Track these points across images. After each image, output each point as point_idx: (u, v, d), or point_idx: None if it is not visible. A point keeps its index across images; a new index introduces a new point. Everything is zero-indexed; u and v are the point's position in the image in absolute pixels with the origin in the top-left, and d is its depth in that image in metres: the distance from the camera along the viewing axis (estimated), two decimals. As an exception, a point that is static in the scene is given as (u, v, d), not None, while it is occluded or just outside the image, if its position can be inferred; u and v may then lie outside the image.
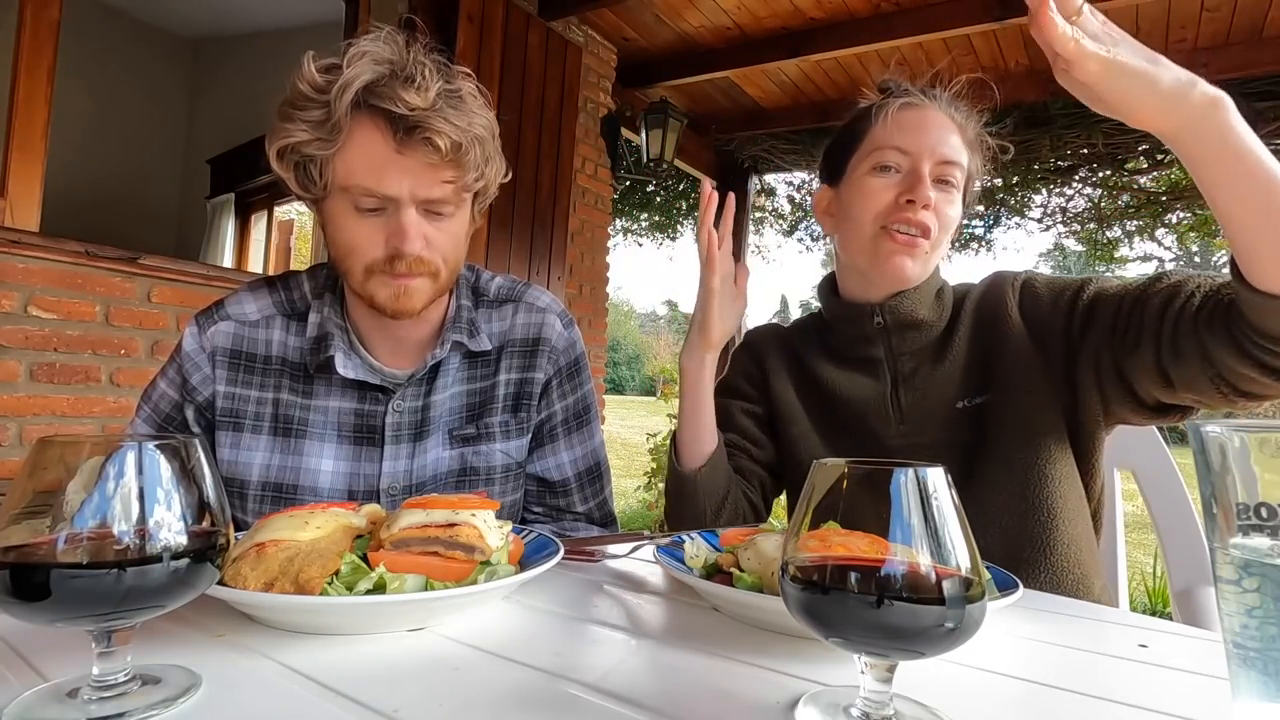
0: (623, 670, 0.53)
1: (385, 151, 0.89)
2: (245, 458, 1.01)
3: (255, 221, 5.69)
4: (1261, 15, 3.77)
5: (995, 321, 1.04)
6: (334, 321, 1.02)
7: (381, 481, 1.02)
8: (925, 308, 1.07)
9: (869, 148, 1.05)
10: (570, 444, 1.13)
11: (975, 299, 1.09)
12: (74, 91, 4.73)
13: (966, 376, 1.05)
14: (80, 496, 0.43)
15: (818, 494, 0.45)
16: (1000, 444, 0.99)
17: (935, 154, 1.01)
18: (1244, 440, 0.39)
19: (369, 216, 0.92)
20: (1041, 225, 5.88)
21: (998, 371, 1.02)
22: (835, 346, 1.15)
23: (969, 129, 1.06)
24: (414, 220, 0.92)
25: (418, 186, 0.91)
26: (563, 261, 4.07)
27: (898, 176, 1.02)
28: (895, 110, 1.04)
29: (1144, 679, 0.55)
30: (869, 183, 1.04)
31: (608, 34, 4.49)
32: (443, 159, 0.89)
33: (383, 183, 0.89)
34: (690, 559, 0.74)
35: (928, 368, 1.07)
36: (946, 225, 1.03)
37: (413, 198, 0.91)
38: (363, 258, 0.93)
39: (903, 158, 1.02)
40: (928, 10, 3.85)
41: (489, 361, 1.09)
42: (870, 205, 1.03)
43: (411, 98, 0.86)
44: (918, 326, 1.07)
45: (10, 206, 2.41)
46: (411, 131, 0.88)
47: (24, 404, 2.33)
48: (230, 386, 1.02)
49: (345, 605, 0.55)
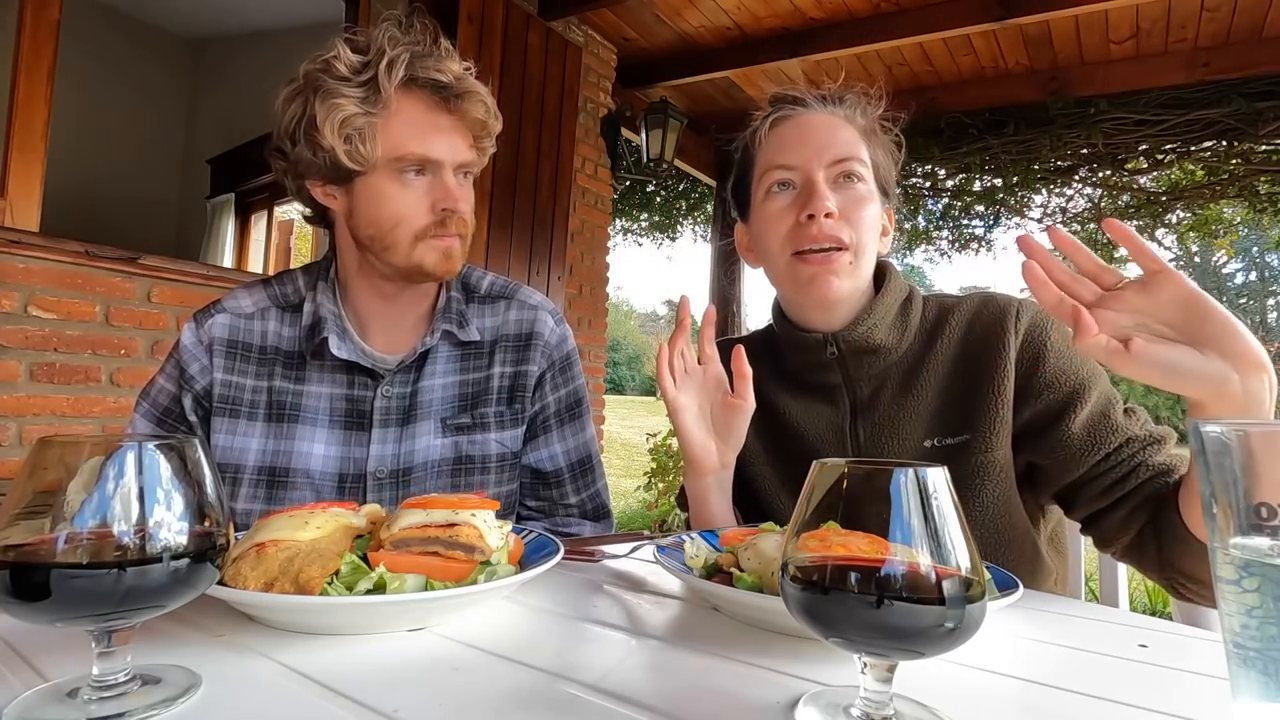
0: (623, 670, 0.53)
1: (434, 117, 0.98)
2: (241, 444, 1.04)
3: (255, 221, 5.69)
4: (1261, 15, 3.77)
5: (985, 357, 0.95)
6: (328, 308, 1.06)
7: (369, 465, 1.04)
8: (883, 330, 0.98)
9: (759, 172, 0.99)
10: (563, 435, 1.16)
11: (963, 324, 0.99)
12: (74, 92, 4.73)
13: (941, 413, 0.96)
14: (80, 496, 0.43)
15: (818, 494, 0.45)
16: (972, 495, 0.93)
17: (824, 157, 0.94)
18: (1244, 440, 0.39)
19: (415, 183, 0.99)
20: (1041, 225, 5.87)
21: (979, 414, 0.93)
22: (790, 370, 1.06)
23: (858, 119, 0.99)
24: (455, 181, 1.01)
25: (458, 150, 1.00)
26: (563, 261, 4.07)
27: (793, 193, 0.96)
28: (770, 127, 0.99)
29: (1144, 679, 0.55)
30: (768, 209, 0.98)
31: (608, 34, 4.49)
32: (483, 120, 1.00)
33: (432, 147, 0.98)
34: (690, 559, 0.74)
35: (891, 397, 0.98)
36: (865, 225, 0.94)
37: (453, 160, 1.00)
38: (411, 225, 0.99)
39: (791, 173, 0.95)
40: (928, 10, 3.85)
41: (481, 354, 1.12)
42: (775, 232, 0.97)
43: (453, 67, 0.98)
44: (875, 351, 0.98)
45: (10, 206, 2.40)
46: (460, 98, 0.98)
47: (24, 404, 2.33)
48: (227, 375, 1.05)
49: (345, 605, 0.55)
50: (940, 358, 0.98)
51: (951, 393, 0.96)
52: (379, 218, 0.99)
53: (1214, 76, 4.12)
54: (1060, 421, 0.91)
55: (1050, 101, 4.52)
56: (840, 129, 0.97)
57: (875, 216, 0.97)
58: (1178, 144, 4.62)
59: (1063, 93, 4.49)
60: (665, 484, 5.89)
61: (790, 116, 0.99)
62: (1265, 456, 0.39)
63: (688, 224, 7.71)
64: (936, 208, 6.13)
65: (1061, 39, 4.18)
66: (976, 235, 6.20)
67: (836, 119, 0.98)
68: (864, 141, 0.98)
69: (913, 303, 1.02)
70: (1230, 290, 31.22)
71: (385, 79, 0.94)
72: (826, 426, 1.02)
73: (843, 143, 0.95)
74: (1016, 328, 0.95)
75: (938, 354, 0.98)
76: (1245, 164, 4.66)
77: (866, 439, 0.99)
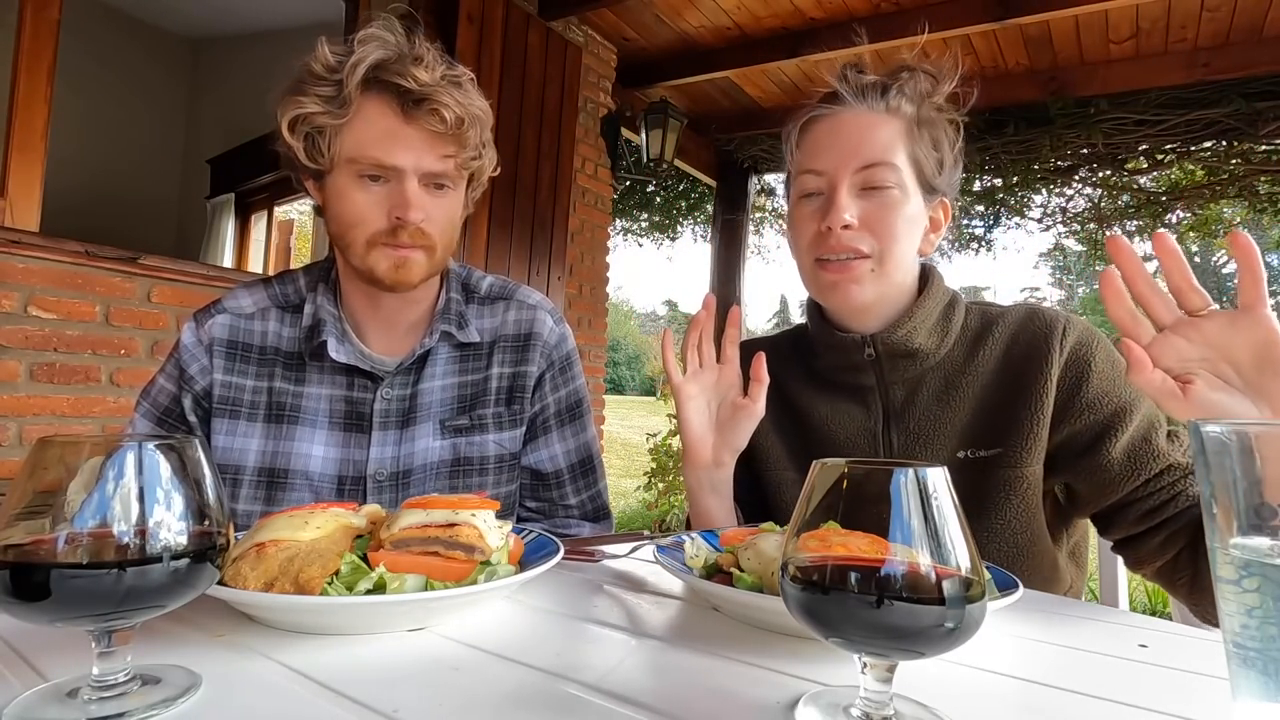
0: (623, 670, 0.53)
1: (393, 124, 0.95)
2: (241, 444, 1.04)
3: (255, 221, 5.69)
4: (1261, 15, 3.77)
5: (1026, 371, 0.92)
6: (327, 310, 1.06)
7: (369, 467, 1.04)
8: (923, 334, 0.96)
9: (794, 174, 0.98)
10: (563, 436, 1.16)
11: (1006, 336, 0.97)
12: (74, 91, 4.73)
13: (976, 424, 0.94)
14: (80, 496, 0.43)
15: (818, 494, 0.45)
16: (996, 508, 0.91)
17: (852, 162, 0.91)
18: (1244, 440, 0.39)
19: (373, 188, 0.97)
20: (1041, 225, 5.87)
21: (1014, 429, 0.91)
22: (821, 371, 1.05)
23: (904, 109, 0.93)
24: (416, 191, 0.97)
25: (422, 159, 0.97)
26: (563, 261, 4.07)
27: (819, 200, 0.94)
28: (802, 129, 0.97)
29: (1144, 679, 0.55)
30: (797, 214, 0.97)
31: (608, 34, 4.49)
32: (447, 131, 0.96)
33: (389, 153, 0.95)
34: (690, 559, 0.74)
35: (928, 404, 0.96)
36: (891, 232, 0.92)
37: (416, 169, 0.97)
38: (366, 229, 0.97)
39: (819, 179, 0.93)
40: (928, 10, 3.85)
41: (480, 355, 1.11)
42: (801, 238, 0.96)
43: (419, 73, 0.94)
44: (913, 355, 0.96)
45: (10, 206, 2.40)
46: (419, 104, 0.94)
47: (24, 404, 2.33)
48: (227, 375, 1.05)
49: (345, 605, 0.55)
50: (981, 368, 0.96)
51: (989, 405, 0.94)
52: (340, 217, 0.99)
53: (1214, 76, 4.12)
54: (1100, 444, 0.89)
55: (1050, 101, 4.51)
56: (876, 129, 0.92)
57: (907, 220, 0.93)
58: (1178, 144, 4.62)
59: (1063, 93, 4.48)
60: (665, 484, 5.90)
61: (824, 116, 0.95)
62: (1265, 456, 0.39)
63: (688, 224, 7.71)
64: (936, 208, 6.12)
65: (1061, 39, 4.17)
66: (976, 235, 6.20)
67: (875, 116, 0.93)
68: (904, 138, 0.92)
69: (955, 309, 0.99)
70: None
71: (348, 80, 0.93)
72: (858, 430, 1.00)
73: (874, 146, 0.91)
74: (1062, 345, 0.92)
75: (979, 364, 0.96)
76: (1245, 164, 4.66)
77: (900, 445, 0.97)
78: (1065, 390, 0.91)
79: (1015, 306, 1.01)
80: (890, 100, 0.93)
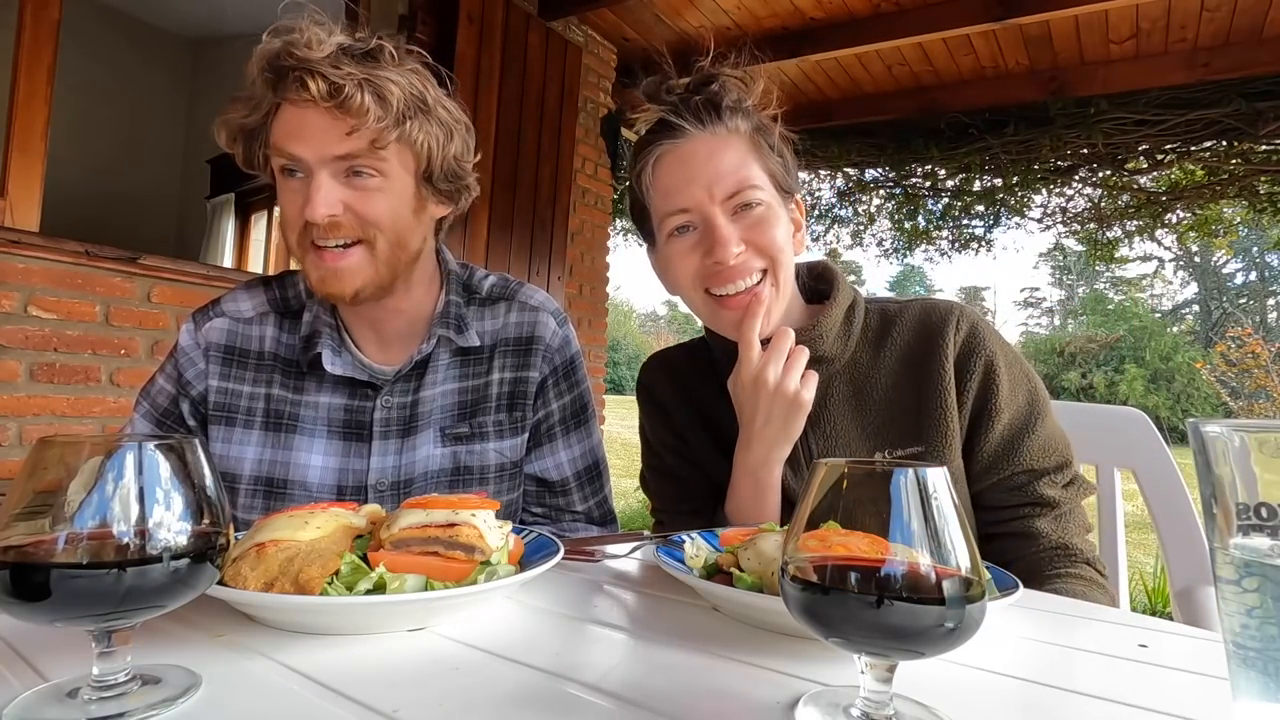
0: (623, 670, 0.53)
1: (293, 111, 0.90)
2: (237, 452, 1.02)
3: (255, 221, 5.69)
4: (1261, 15, 3.77)
5: (928, 366, 0.94)
6: (324, 319, 1.03)
7: (370, 477, 1.01)
8: (829, 339, 0.96)
9: (656, 215, 0.95)
10: (569, 443, 1.12)
11: (906, 333, 0.97)
12: (74, 91, 4.73)
13: (891, 425, 0.95)
14: (80, 496, 0.43)
15: (818, 494, 0.45)
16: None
17: (715, 193, 0.90)
18: (1244, 440, 0.39)
19: (291, 183, 0.93)
20: (1041, 225, 5.88)
21: (929, 425, 0.92)
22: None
23: (740, 125, 0.92)
24: (326, 184, 0.90)
25: (325, 143, 0.89)
26: (563, 261, 4.07)
27: (695, 234, 0.93)
28: (654, 167, 0.94)
29: (1144, 679, 0.55)
30: (672, 249, 0.95)
31: (607, 34, 4.49)
32: (336, 104, 0.87)
33: (290, 141, 0.90)
34: (690, 559, 0.74)
35: (840, 407, 0.97)
36: (775, 245, 0.91)
37: (321, 159, 0.89)
38: (292, 231, 0.95)
39: (688, 215, 0.92)
40: (928, 10, 3.85)
41: (481, 359, 1.07)
42: (684, 272, 0.95)
43: (301, 52, 0.87)
44: (819, 361, 0.95)
45: (10, 206, 2.41)
46: (305, 85, 0.87)
47: (24, 404, 2.33)
48: (223, 381, 1.03)
49: (345, 605, 0.55)
50: (886, 368, 0.97)
51: (900, 404, 0.95)
52: (280, 221, 0.96)
53: (1214, 76, 4.12)
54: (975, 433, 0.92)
55: (1050, 101, 4.52)
56: (724, 151, 0.91)
57: (784, 231, 0.93)
58: (1178, 144, 4.63)
59: (1063, 93, 4.49)
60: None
61: (672, 151, 0.92)
62: (1265, 456, 0.39)
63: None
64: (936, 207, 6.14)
65: (1061, 39, 4.18)
66: (976, 235, 6.20)
67: (719, 139, 0.91)
68: (753, 153, 0.92)
69: (856, 311, 1.00)
70: (1230, 290, 31.23)
71: (254, 77, 0.89)
72: None
73: (731, 170, 0.90)
74: (956, 337, 0.94)
75: (883, 364, 0.97)
76: (1245, 164, 4.67)
77: (820, 451, 0.97)
78: (959, 379, 0.94)
79: (912, 302, 1.02)
80: (727, 121, 0.92)
